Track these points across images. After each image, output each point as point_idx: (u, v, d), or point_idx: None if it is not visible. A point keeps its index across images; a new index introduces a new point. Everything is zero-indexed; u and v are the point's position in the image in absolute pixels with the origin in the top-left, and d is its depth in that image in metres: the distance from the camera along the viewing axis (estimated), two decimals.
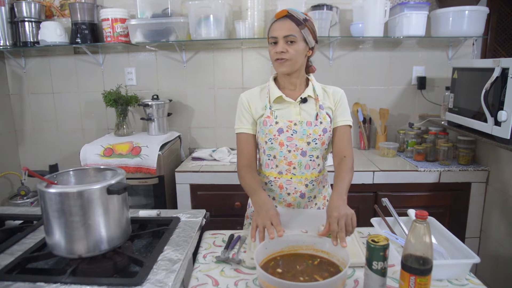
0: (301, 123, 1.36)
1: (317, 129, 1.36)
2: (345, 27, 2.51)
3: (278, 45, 1.28)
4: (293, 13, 1.28)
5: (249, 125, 1.41)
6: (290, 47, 1.28)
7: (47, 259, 1.11)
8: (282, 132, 1.36)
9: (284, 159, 1.39)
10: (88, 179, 1.19)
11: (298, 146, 1.37)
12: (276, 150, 1.38)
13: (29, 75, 2.70)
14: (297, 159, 1.38)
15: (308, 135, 1.36)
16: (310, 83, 1.41)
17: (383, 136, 2.55)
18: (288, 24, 1.27)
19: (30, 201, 2.49)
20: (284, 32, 1.27)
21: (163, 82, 2.67)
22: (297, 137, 1.36)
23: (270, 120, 1.37)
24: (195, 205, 2.21)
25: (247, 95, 1.43)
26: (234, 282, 1.05)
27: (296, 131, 1.36)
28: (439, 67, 2.56)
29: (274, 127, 1.36)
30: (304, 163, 1.39)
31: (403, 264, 0.91)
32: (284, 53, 1.28)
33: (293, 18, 1.27)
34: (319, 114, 1.37)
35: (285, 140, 1.37)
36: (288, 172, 1.40)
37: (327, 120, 1.38)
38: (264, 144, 1.39)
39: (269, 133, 1.37)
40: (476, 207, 2.19)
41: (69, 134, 2.77)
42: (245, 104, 1.42)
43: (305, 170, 1.40)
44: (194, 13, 2.31)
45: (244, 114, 1.42)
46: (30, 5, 2.41)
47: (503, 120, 1.66)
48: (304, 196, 1.42)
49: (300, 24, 1.27)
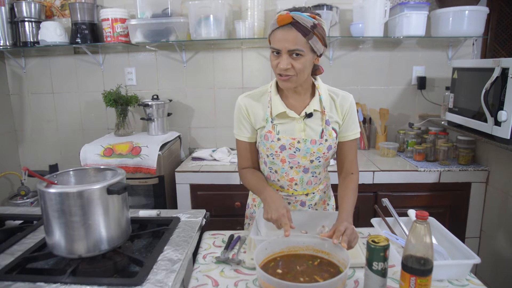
0: (305, 141, 1.26)
1: (321, 147, 1.27)
2: (345, 27, 2.51)
3: (282, 60, 1.13)
4: (298, 20, 1.09)
5: (248, 134, 1.33)
6: (296, 61, 1.13)
7: (47, 259, 1.11)
8: (284, 149, 1.27)
9: (286, 175, 1.33)
10: (88, 179, 1.19)
11: (300, 163, 1.30)
12: (277, 165, 1.32)
13: (29, 75, 2.70)
14: (299, 175, 1.33)
15: (311, 153, 1.27)
16: (317, 92, 1.28)
17: (383, 136, 2.55)
18: (293, 35, 1.09)
19: (30, 201, 2.49)
20: (288, 45, 1.10)
21: (163, 82, 2.67)
22: (300, 155, 1.28)
23: (272, 136, 1.26)
24: (195, 205, 2.21)
25: (245, 101, 1.31)
26: (234, 283, 1.05)
27: (300, 149, 1.26)
28: (439, 67, 2.56)
29: (276, 143, 1.26)
30: (306, 180, 1.34)
31: (404, 264, 0.91)
32: (288, 69, 1.14)
33: (299, 27, 1.09)
34: (324, 130, 1.27)
35: (287, 157, 1.29)
36: (289, 187, 1.36)
37: (332, 136, 1.28)
38: (266, 157, 1.33)
39: (271, 148, 1.28)
40: (476, 207, 2.19)
41: (69, 134, 2.77)
42: (243, 112, 1.31)
43: (307, 185, 1.36)
44: (194, 13, 2.30)
45: (243, 122, 1.32)
46: (30, 5, 2.40)
47: (503, 120, 1.66)
48: (305, 205, 1.41)
49: (308, 33, 1.10)
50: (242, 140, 1.35)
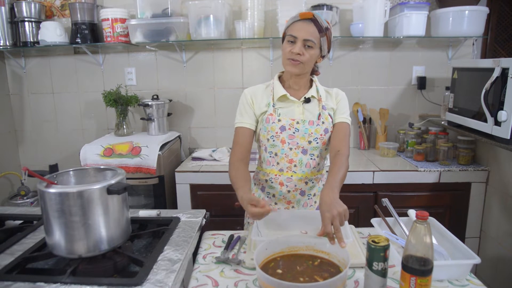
0: (304, 122, 1.37)
1: (318, 128, 1.38)
2: (345, 27, 2.51)
3: (296, 46, 1.28)
4: (317, 18, 1.28)
5: (250, 120, 1.41)
6: (307, 51, 1.28)
7: (47, 259, 1.11)
8: (284, 130, 1.38)
9: (286, 157, 1.40)
10: (88, 179, 1.19)
11: (299, 144, 1.39)
12: (277, 147, 1.40)
13: (29, 75, 2.70)
14: (298, 157, 1.40)
15: (309, 134, 1.38)
16: (314, 84, 1.43)
17: (383, 136, 2.55)
18: (311, 28, 1.27)
19: (30, 201, 2.49)
20: (305, 35, 1.26)
21: (163, 82, 2.67)
22: (299, 136, 1.38)
23: (273, 118, 1.38)
24: (195, 205, 2.21)
25: (250, 91, 1.44)
26: (234, 283, 1.05)
27: (298, 129, 1.37)
28: (439, 67, 2.56)
29: (277, 124, 1.38)
30: (305, 161, 1.40)
31: (404, 264, 0.91)
32: (300, 55, 1.28)
33: (317, 24, 1.27)
34: (321, 114, 1.39)
35: (287, 138, 1.38)
36: (289, 169, 1.41)
37: (329, 120, 1.40)
38: (266, 141, 1.41)
39: (271, 130, 1.38)
40: (476, 207, 2.19)
41: (69, 134, 2.77)
42: (248, 100, 1.42)
43: (306, 168, 1.41)
44: (194, 13, 2.31)
45: (247, 109, 1.42)
46: (30, 5, 2.40)
47: (503, 120, 1.66)
48: (304, 194, 1.44)
49: (322, 31, 1.28)
50: (242, 127, 1.42)
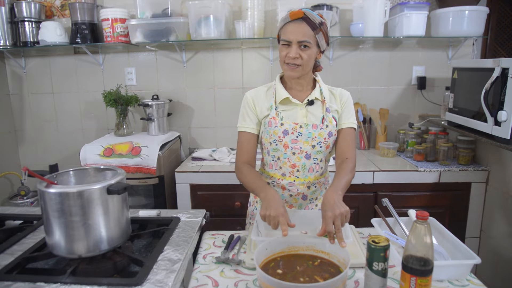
0: (307, 125, 1.34)
1: (322, 132, 1.34)
2: (345, 27, 2.51)
3: (291, 50, 1.24)
4: (309, 16, 1.23)
5: (253, 124, 1.39)
6: (303, 52, 1.25)
7: (47, 259, 1.11)
8: (287, 134, 1.34)
9: (288, 161, 1.37)
10: (88, 179, 1.19)
11: (302, 148, 1.35)
12: (280, 151, 1.37)
13: (29, 75, 2.70)
14: (301, 161, 1.37)
15: (313, 138, 1.34)
16: (317, 84, 1.39)
17: (383, 136, 2.55)
18: (303, 28, 1.23)
19: (30, 201, 2.49)
20: (299, 36, 1.23)
21: (163, 82, 2.67)
22: (302, 140, 1.34)
23: (276, 122, 1.34)
24: (195, 205, 2.21)
25: (252, 94, 1.41)
26: (234, 283, 1.05)
27: (302, 133, 1.34)
28: (439, 67, 2.56)
29: (279, 128, 1.34)
30: (308, 166, 1.38)
31: (404, 265, 0.91)
32: (297, 58, 1.25)
33: (309, 22, 1.23)
34: (325, 117, 1.35)
35: (290, 142, 1.35)
36: (291, 174, 1.39)
37: (333, 123, 1.36)
38: (269, 145, 1.38)
39: (274, 134, 1.35)
40: (476, 207, 2.19)
41: (69, 134, 2.77)
42: (250, 103, 1.39)
43: (309, 173, 1.39)
44: (194, 13, 2.30)
45: (249, 113, 1.39)
46: (30, 5, 2.40)
47: (503, 120, 1.66)
48: (306, 198, 1.42)
49: (316, 28, 1.24)
50: (245, 131, 1.39)
